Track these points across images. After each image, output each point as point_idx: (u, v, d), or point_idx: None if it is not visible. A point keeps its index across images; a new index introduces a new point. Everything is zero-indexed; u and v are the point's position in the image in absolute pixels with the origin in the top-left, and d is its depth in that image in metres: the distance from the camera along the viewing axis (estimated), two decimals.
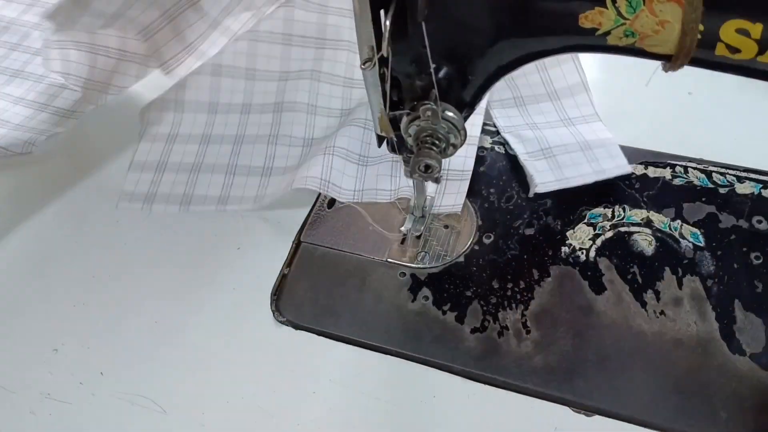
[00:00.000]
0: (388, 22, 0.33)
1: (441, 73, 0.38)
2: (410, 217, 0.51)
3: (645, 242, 0.49)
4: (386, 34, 0.33)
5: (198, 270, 0.52)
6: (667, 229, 0.50)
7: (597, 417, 0.42)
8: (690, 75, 0.35)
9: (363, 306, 0.48)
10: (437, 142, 0.40)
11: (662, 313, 0.45)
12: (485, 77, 0.39)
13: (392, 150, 0.44)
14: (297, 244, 0.53)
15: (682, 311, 0.45)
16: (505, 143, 0.57)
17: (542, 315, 0.46)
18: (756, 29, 0.30)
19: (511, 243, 0.50)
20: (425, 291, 0.48)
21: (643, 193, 0.52)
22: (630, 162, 0.54)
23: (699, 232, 0.49)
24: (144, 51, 0.59)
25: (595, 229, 0.50)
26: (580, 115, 0.57)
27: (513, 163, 0.55)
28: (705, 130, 0.57)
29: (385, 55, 0.34)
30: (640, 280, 0.47)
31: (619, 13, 0.32)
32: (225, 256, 0.53)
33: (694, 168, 0.53)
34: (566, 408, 0.42)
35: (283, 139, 0.58)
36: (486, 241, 0.51)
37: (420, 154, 0.40)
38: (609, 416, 0.42)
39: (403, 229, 0.51)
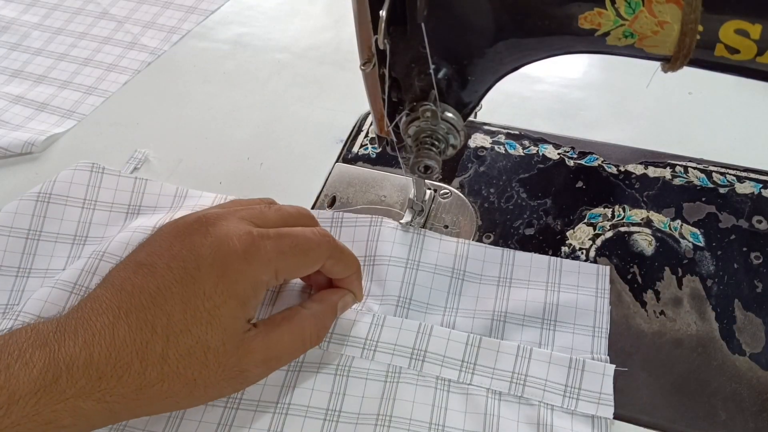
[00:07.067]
0: (383, 13, 0.33)
1: (440, 74, 0.38)
2: (410, 210, 0.51)
3: (645, 242, 0.49)
4: (382, 25, 0.33)
5: None
6: (667, 229, 0.50)
7: None
8: (690, 75, 0.35)
9: None
10: (437, 142, 0.40)
11: (662, 313, 0.45)
12: (485, 78, 0.39)
13: (392, 150, 0.44)
14: None
15: (681, 311, 0.45)
16: (505, 143, 0.57)
17: None
18: (755, 30, 0.30)
19: (511, 243, 0.50)
20: None
21: (643, 192, 0.52)
22: (630, 162, 0.54)
23: (699, 232, 0.49)
24: None
25: (595, 229, 0.50)
26: None
27: (513, 163, 0.55)
28: (705, 130, 0.57)
29: (381, 47, 0.34)
30: (639, 280, 0.47)
31: (618, 14, 0.32)
32: None
33: (694, 168, 0.53)
34: None
35: None
36: (486, 241, 0.51)
37: (419, 155, 0.40)
38: None
39: (402, 221, 0.51)
